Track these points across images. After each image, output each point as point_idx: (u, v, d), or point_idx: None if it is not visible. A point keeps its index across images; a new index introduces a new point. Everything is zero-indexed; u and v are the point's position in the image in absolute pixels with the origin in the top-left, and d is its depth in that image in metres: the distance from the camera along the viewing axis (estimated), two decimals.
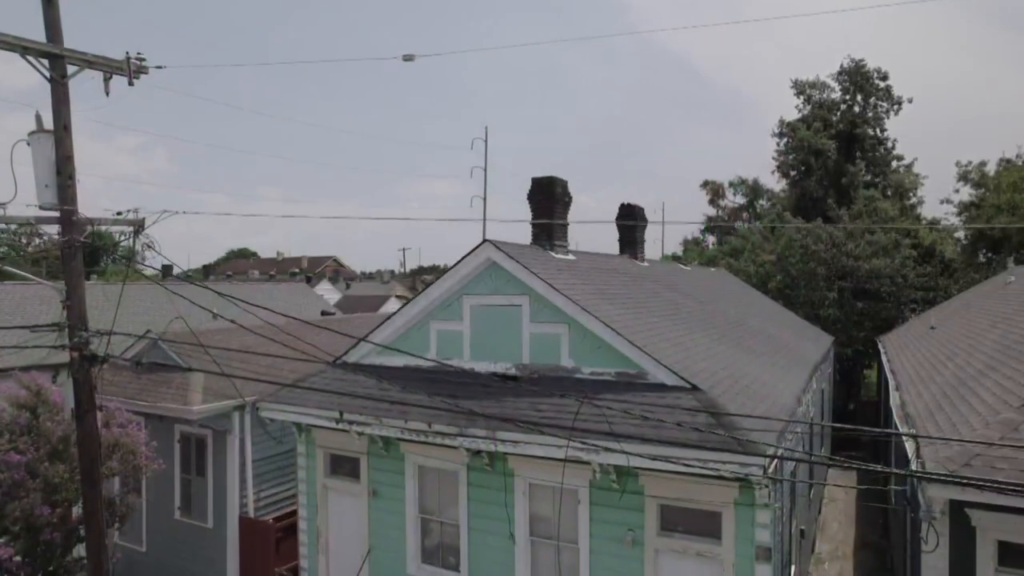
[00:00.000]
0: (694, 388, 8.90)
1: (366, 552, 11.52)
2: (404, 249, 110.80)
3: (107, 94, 9.91)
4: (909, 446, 7.91)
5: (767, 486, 7.88)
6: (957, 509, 7.43)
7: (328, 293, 52.34)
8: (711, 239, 50.56)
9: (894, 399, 11.71)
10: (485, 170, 27.87)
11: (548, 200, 12.08)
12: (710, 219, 52.72)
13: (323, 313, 29.13)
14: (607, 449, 8.39)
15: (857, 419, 28.56)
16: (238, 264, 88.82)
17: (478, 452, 9.96)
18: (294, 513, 12.90)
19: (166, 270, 26.02)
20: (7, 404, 11.44)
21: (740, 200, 51.87)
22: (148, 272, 11.35)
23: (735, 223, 45.91)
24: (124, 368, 14.92)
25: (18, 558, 9.90)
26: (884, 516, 18.71)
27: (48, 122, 9.37)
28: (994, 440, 7.04)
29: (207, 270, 71.10)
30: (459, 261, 10.71)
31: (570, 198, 12.56)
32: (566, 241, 12.53)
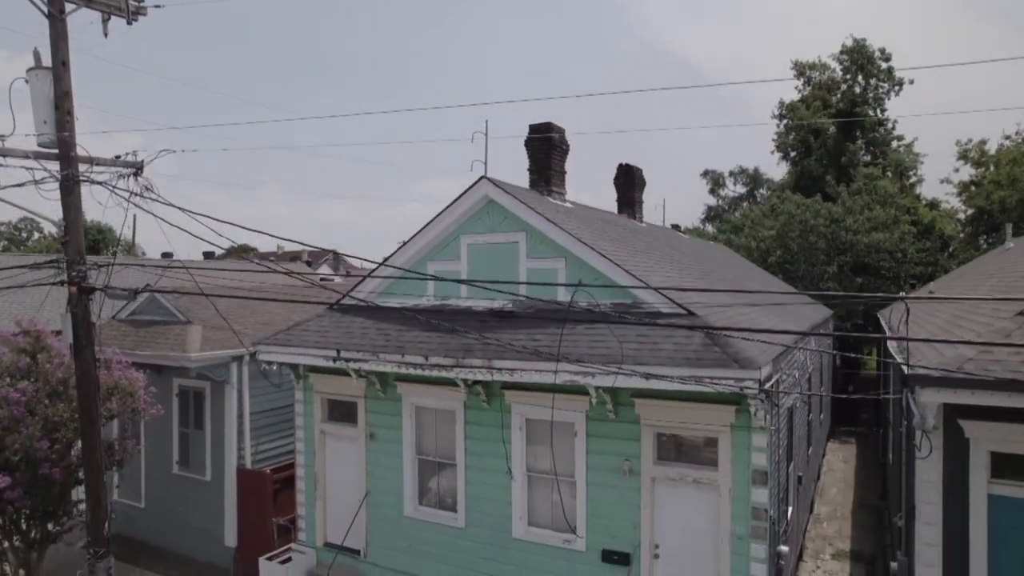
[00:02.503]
0: (690, 314, 8.90)
1: (364, 496, 11.54)
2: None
3: (105, 35, 9.93)
4: (901, 357, 7.90)
5: (763, 402, 7.88)
6: (951, 421, 7.44)
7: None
8: (710, 229, 50.60)
9: (891, 333, 11.69)
10: (485, 164, 27.91)
11: (545, 146, 12.08)
12: (710, 208, 52.71)
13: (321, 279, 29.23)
14: (603, 372, 8.41)
15: (857, 401, 28.58)
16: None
17: (475, 385, 9.96)
18: (291, 466, 12.92)
19: (166, 256, 26.22)
20: (7, 349, 11.47)
21: (740, 189, 51.86)
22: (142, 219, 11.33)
23: (736, 212, 45.90)
24: (123, 323, 14.97)
25: (19, 490, 9.91)
26: (883, 482, 18.72)
27: (47, 59, 9.40)
28: (988, 345, 7.03)
29: (208, 257, 71.07)
30: (455, 200, 10.72)
31: (567, 146, 12.57)
32: (564, 189, 12.54)
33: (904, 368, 7.38)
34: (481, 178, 10.50)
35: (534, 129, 12.12)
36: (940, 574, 7.56)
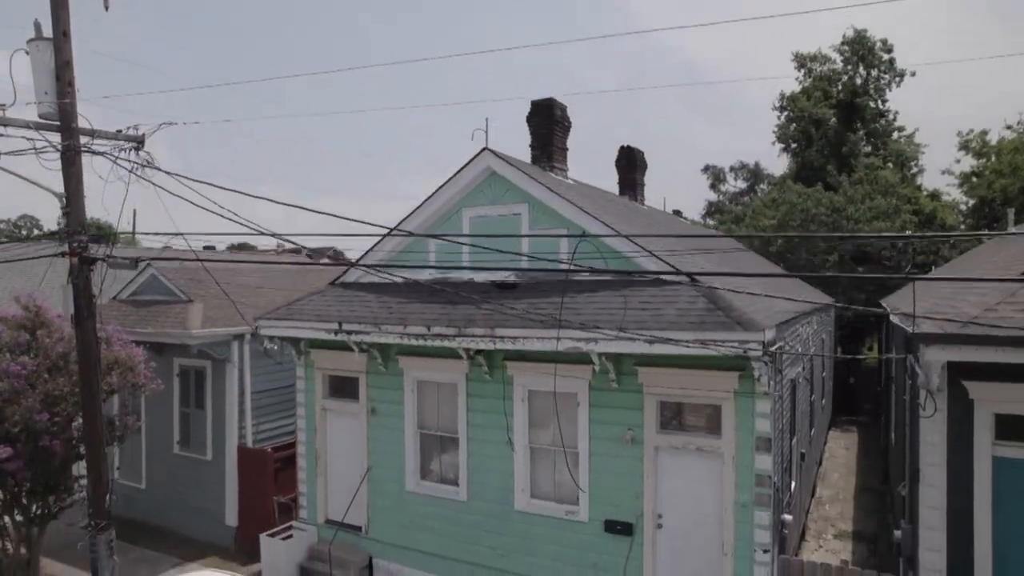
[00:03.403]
0: (693, 280, 8.87)
1: (365, 472, 11.51)
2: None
3: (106, 8, 9.90)
4: (904, 320, 7.87)
5: (767, 365, 7.84)
6: (955, 383, 7.41)
7: None
8: (711, 224, 50.55)
9: (894, 306, 11.64)
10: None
11: (547, 122, 12.05)
12: (711, 204, 52.69)
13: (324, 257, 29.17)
14: (606, 338, 8.37)
15: (858, 391, 28.60)
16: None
17: (477, 356, 9.92)
18: (293, 446, 12.89)
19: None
20: (5, 326, 11.43)
21: (741, 184, 51.83)
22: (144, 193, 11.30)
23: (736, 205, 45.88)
24: (123, 303, 14.94)
25: (20, 462, 9.86)
26: (884, 468, 18.68)
27: (47, 30, 9.37)
28: (991, 305, 7.01)
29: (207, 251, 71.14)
30: (457, 172, 10.69)
31: (569, 123, 12.53)
32: (566, 166, 12.50)
33: (909, 329, 7.34)
34: (483, 149, 10.47)
35: (536, 105, 12.09)
36: (944, 537, 7.54)
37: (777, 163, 65.47)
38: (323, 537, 11.87)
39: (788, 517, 9.19)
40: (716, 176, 52.91)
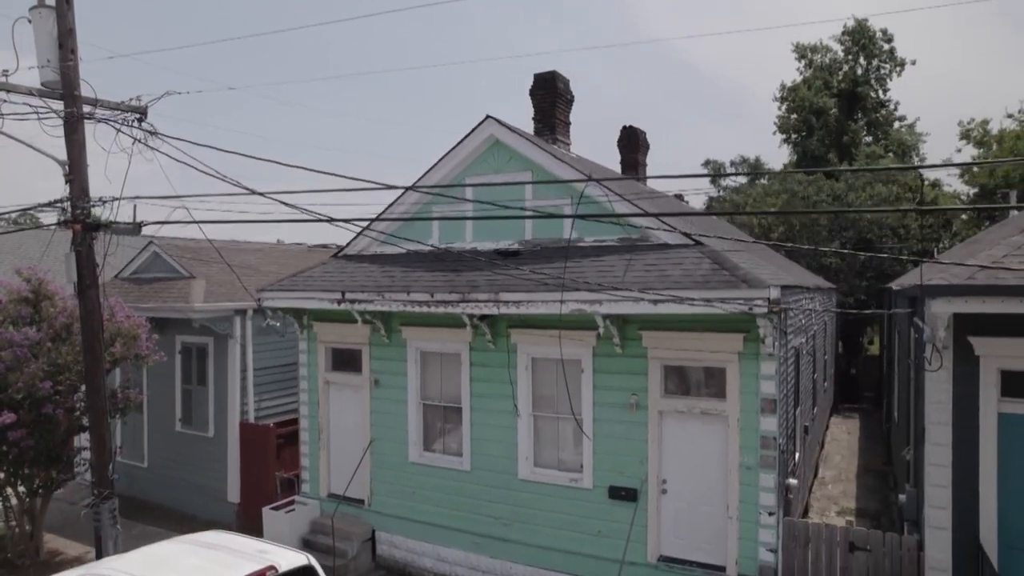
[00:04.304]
0: (697, 244, 8.85)
1: (368, 444, 11.49)
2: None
3: None
4: (911, 277, 7.86)
5: (772, 323, 7.82)
6: (961, 340, 7.40)
7: None
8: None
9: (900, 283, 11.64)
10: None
11: (550, 95, 12.02)
12: (712, 199, 52.67)
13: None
14: (610, 299, 8.35)
15: (859, 382, 28.62)
16: None
17: (480, 324, 9.89)
18: (295, 422, 12.87)
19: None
20: (8, 299, 11.42)
21: (742, 179, 51.79)
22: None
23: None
24: (126, 281, 14.93)
25: (23, 430, 9.85)
26: (887, 451, 18.68)
27: None
28: (998, 257, 7.00)
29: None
30: (460, 141, 10.66)
31: (572, 96, 12.51)
32: (568, 139, 12.47)
33: (917, 285, 7.32)
34: (486, 117, 10.44)
35: (539, 78, 12.06)
36: (950, 495, 7.53)
37: (778, 157, 65.50)
38: (325, 511, 11.85)
39: (793, 481, 9.18)
40: (717, 171, 52.89)
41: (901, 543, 7.90)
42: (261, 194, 8.48)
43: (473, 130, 10.54)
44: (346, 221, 7.31)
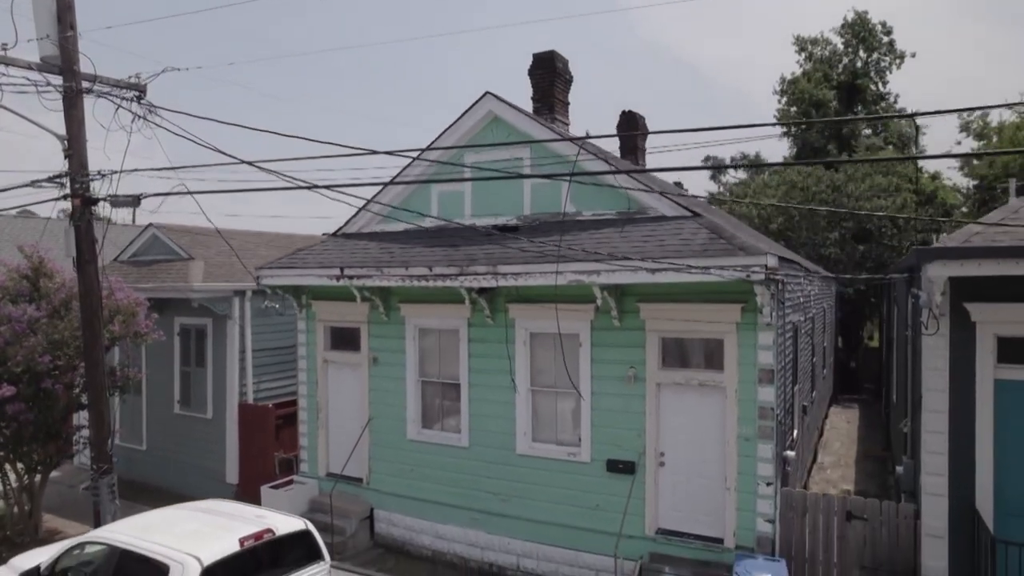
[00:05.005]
0: (695, 215, 8.86)
1: (366, 423, 11.51)
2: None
3: None
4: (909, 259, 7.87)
5: (769, 290, 7.83)
6: (957, 307, 7.42)
7: None
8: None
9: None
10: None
11: (549, 75, 12.02)
12: (712, 195, 52.67)
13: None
14: (608, 269, 8.35)
15: (860, 374, 28.65)
16: None
17: (479, 299, 9.89)
18: (294, 403, 12.88)
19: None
20: (7, 277, 11.44)
21: (742, 175, 51.82)
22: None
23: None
24: (125, 264, 14.95)
25: (22, 403, 9.86)
26: (886, 439, 18.70)
27: None
28: (994, 220, 7.02)
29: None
30: (459, 118, 10.67)
31: (571, 76, 12.51)
32: (567, 119, 12.47)
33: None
34: (485, 94, 10.45)
35: (538, 58, 12.07)
36: (946, 462, 7.55)
37: (777, 152, 65.37)
38: (324, 490, 11.86)
39: (791, 453, 9.19)
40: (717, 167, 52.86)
41: (898, 511, 7.91)
42: (249, 163, 8.48)
43: (472, 106, 10.55)
44: (328, 187, 7.28)
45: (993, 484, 7.38)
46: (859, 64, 34.02)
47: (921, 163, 33.45)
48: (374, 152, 7.07)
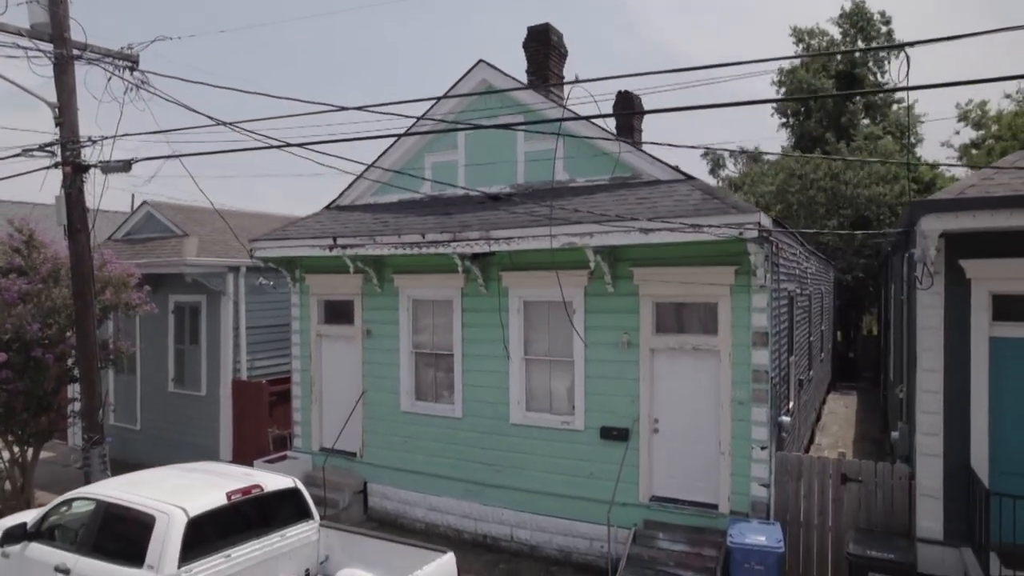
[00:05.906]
0: (689, 178, 8.80)
1: (360, 395, 11.45)
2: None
3: None
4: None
5: (763, 249, 7.77)
6: (952, 264, 7.37)
7: None
8: None
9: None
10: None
11: (543, 47, 11.91)
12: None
13: None
14: (601, 231, 8.29)
15: (858, 362, 28.63)
16: None
17: (473, 262, 9.82)
18: (288, 381, 12.82)
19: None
20: None
21: (742, 168, 51.77)
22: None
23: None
24: (119, 242, 14.89)
25: (11, 372, 9.79)
26: (884, 423, 18.65)
27: None
28: (988, 175, 6.96)
29: None
30: (453, 86, 10.61)
31: (566, 50, 12.42)
32: (561, 92, 12.38)
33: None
34: (479, 62, 10.39)
35: (532, 31, 11.96)
36: (941, 421, 7.50)
37: (776, 143, 65.26)
38: (317, 464, 11.79)
39: (786, 419, 9.13)
40: (716, 162, 52.77)
41: (893, 472, 7.85)
42: (230, 125, 8.39)
43: (466, 74, 10.49)
44: (300, 146, 7.20)
45: (988, 443, 7.32)
46: (857, 53, 33.96)
47: (920, 152, 33.42)
48: (363, 108, 7.01)
